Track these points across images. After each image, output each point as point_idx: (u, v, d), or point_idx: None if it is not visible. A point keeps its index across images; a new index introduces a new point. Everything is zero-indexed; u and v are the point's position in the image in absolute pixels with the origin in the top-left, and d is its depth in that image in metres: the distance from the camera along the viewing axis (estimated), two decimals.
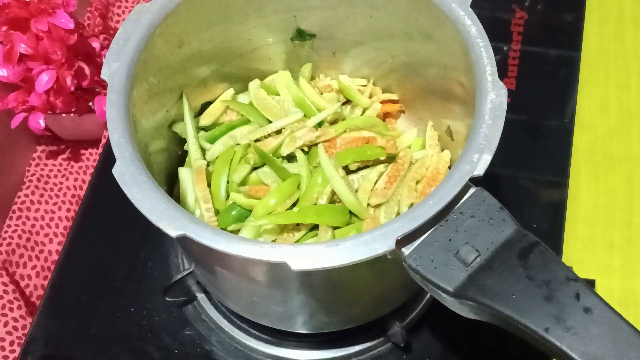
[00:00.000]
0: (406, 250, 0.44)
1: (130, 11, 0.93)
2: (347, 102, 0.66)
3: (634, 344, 0.39)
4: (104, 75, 0.50)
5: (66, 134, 0.84)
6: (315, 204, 0.56)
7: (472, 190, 0.46)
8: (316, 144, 0.61)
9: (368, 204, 0.58)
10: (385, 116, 0.67)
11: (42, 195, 0.81)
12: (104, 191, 0.73)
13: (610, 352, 0.38)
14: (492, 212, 0.45)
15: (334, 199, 0.58)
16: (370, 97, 0.66)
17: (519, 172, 0.73)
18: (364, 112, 0.65)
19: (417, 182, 0.59)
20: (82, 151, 0.85)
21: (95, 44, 0.80)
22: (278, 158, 0.61)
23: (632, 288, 0.74)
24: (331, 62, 0.67)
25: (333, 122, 0.64)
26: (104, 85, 0.80)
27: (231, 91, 0.66)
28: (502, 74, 0.78)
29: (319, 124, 0.62)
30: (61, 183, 0.82)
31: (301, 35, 0.63)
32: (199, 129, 0.64)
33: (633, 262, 0.76)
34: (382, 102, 0.66)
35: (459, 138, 0.58)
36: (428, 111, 0.63)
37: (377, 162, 0.60)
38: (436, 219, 0.44)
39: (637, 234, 0.77)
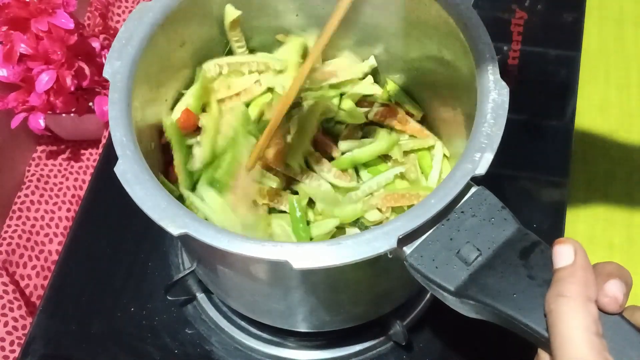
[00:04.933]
0: (407, 250, 0.44)
1: (130, 11, 0.93)
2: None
3: (634, 343, 0.39)
4: (106, 73, 0.50)
5: (66, 134, 0.84)
6: None
7: (473, 190, 0.46)
8: None
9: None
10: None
11: (42, 195, 0.81)
12: (104, 191, 0.73)
13: (611, 352, 0.38)
14: (493, 211, 0.45)
15: None
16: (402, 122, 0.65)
17: (519, 172, 0.73)
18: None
19: None
20: (82, 151, 0.85)
21: (95, 44, 0.80)
22: None
23: (633, 288, 0.74)
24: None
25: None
26: (104, 85, 0.80)
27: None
28: (502, 74, 0.77)
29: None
30: (61, 183, 0.82)
31: None
32: None
33: (633, 262, 0.76)
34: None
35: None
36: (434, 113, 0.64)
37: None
38: (437, 218, 0.44)
39: (637, 234, 0.77)
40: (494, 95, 0.48)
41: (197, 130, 0.60)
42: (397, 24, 0.59)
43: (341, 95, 0.65)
